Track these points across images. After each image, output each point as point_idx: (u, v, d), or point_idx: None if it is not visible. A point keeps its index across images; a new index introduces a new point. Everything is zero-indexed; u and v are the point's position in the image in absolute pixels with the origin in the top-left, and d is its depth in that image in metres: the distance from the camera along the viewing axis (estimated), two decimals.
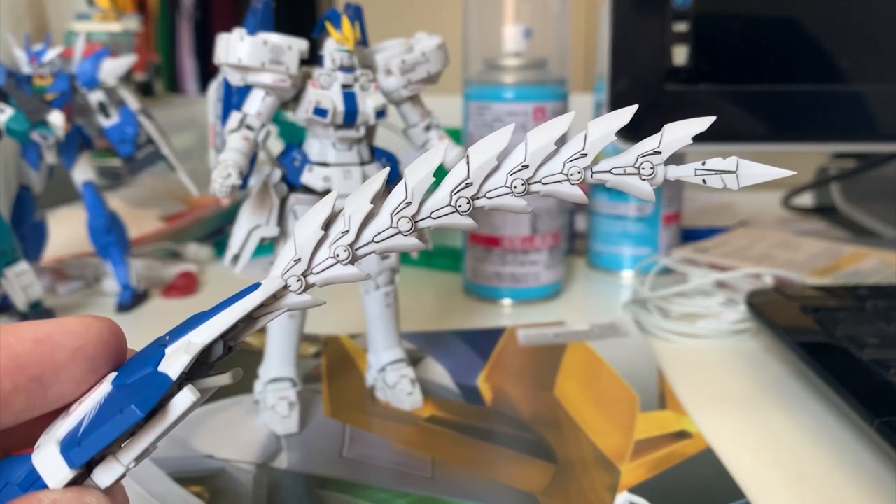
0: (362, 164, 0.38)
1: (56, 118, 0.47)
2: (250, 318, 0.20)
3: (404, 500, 0.33)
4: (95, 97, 0.53)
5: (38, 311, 0.50)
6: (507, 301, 0.57)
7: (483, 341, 0.49)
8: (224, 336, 0.20)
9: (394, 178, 0.38)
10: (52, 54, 0.52)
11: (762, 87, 0.56)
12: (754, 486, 0.33)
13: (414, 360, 0.45)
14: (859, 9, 0.56)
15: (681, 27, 0.55)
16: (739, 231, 0.69)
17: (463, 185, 0.20)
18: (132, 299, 0.56)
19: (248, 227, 0.38)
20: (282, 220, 0.38)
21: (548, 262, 0.56)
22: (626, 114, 0.20)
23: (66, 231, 0.64)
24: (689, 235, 0.69)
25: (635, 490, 0.33)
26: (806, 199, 0.84)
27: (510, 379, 0.44)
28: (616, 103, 0.55)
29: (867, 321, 0.42)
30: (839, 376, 0.37)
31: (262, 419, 0.39)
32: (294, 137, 0.42)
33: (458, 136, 0.59)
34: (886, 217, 0.73)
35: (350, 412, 0.40)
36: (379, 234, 0.20)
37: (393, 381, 0.41)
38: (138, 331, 0.51)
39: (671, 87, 0.56)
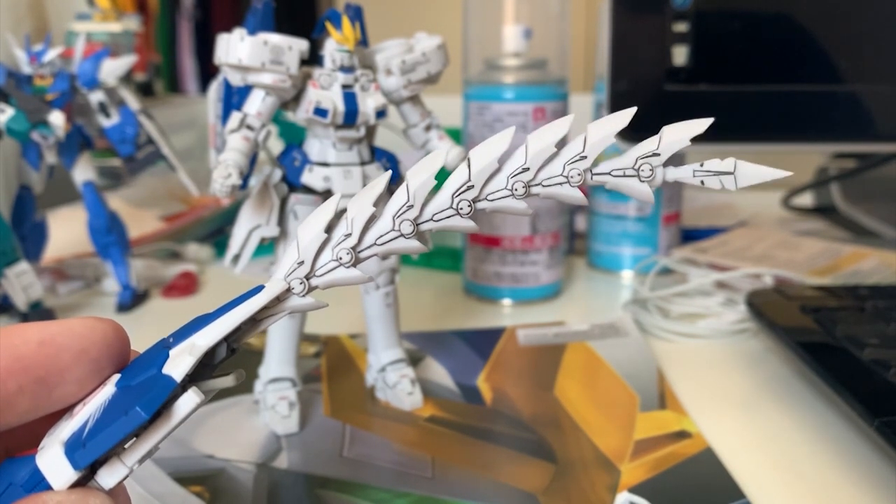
0: (362, 164, 0.38)
1: (56, 118, 0.47)
2: (254, 321, 0.20)
3: (404, 500, 0.33)
4: (96, 97, 0.53)
5: (38, 311, 0.50)
6: (507, 301, 0.57)
7: (483, 341, 0.49)
8: (227, 338, 0.20)
9: (394, 179, 0.38)
10: (52, 54, 0.52)
11: (762, 87, 0.56)
12: (754, 486, 0.33)
13: (414, 360, 0.45)
14: (859, 9, 0.56)
15: (681, 27, 0.55)
16: (739, 231, 0.69)
17: (464, 187, 0.20)
18: (132, 299, 0.56)
19: (248, 227, 0.38)
20: (282, 221, 0.38)
21: (548, 262, 0.56)
22: (626, 116, 0.20)
23: (66, 231, 0.64)
24: (689, 235, 0.69)
25: (635, 490, 0.33)
26: (806, 199, 0.84)
27: (510, 379, 0.44)
28: (616, 103, 0.55)
29: (867, 321, 0.42)
30: (839, 376, 0.37)
31: (263, 419, 0.39)
32: (294, 137, 0.42)
33: (458, 136, 0.59)
34: (886, 217, 0.73)
35: (350, 412, 0.40)
36: (381, 236, 0.20)
37: (393, 381, 0.41)
38: (138, 331, 0.51)
39: (671, 87, 0.56)
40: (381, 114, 0.37)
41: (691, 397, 0.42)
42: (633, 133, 0.23)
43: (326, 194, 0.38)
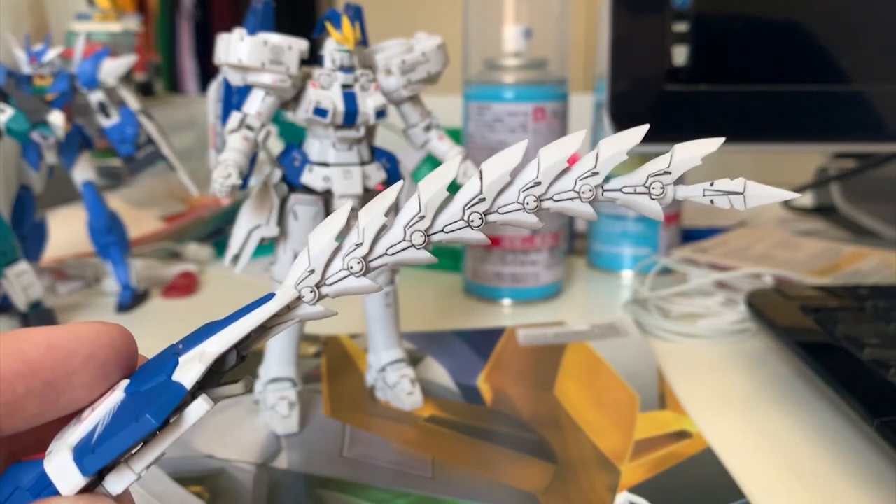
0: (362, 164, 0.38)
1: (56, 118, 0.47)
2: (263, 328, 0.20)
3: (404, 500, 0.33)
4: (95, 97, 0.53)
5: (38, 311, 0.50)
6: (507, 301, 0.57)
7: (483, 341, 0.49)
8: (237, 345, 0.20)
9: (394, 179, 0.38)
10: (52, 54, 0.52)
11: (762, 87, 0.56)
12: (754, 486, 0.33)
13: (414, 360, 0.45)
14: (859, 9, 0.56)
15: (681, 27, 0.55)
16: (739, 231, 0.69)
17: (476, 200, 0.20)
18: (132, 299, 0.56)
19: (248, 227, 0.38)
20: (282, 221, 0.38)
21: (548, 262, 0.56)
22: (638, 133, 0.20)
23: (66, 231, 0.64)
24: (689, 235, 0.69)
25: (635, 490, 0.33)
26: (806, 199, 0.84)
27: (510, 379, 0.44)
28: (616, 103, 0.55)
29: (867, 321, 0.42)
30: (839, 376, 0.37)
31: (263, 419, 0.39)
32: (294, 137, 0.42)
33: (458, 136, 0.59)
34: (886, 217, 0.73)
35: (350, 412, 0.40)
36: (392, 246, 0.20)
37: (393, 380, 0.41)
38: (138, 331, 0.51)
39: (671, 87, 0.56)
40: (380, 114, 0.37)
41: (691, 397, 0.42)
42: None
43: (326, 194, 0.38)
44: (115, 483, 0.19)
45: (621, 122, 0.54)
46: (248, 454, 0.36)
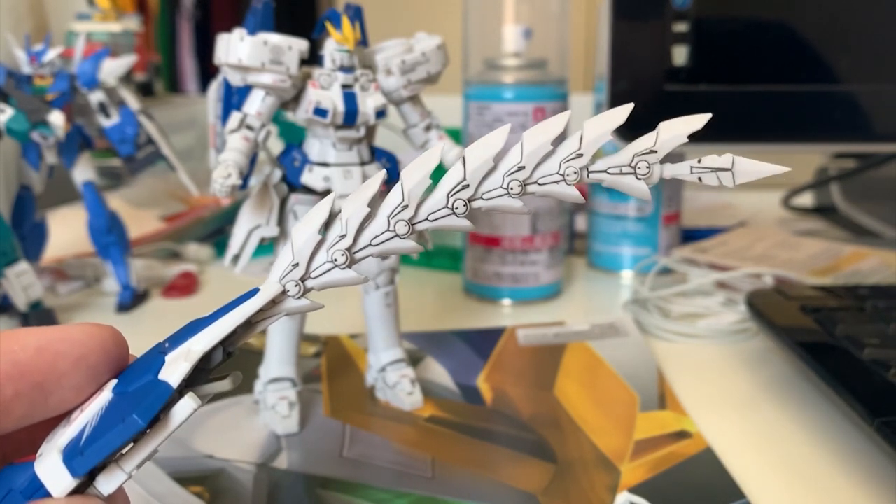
0: (362, 164, 0.38)
1: (56, 118, 0.47)
2: (249, 323, 0.20)
3: (404, 500, 0.33)
4: (95, 97, 0.53)
5: (38, 311, 0.50)
6: (507, 301, 0.56)
7: (483, 341, 0.49)
8: (223, 342, 0.20)
9: (394, 179, 0.38)
10: (52, 54, 0.52)
11: (762, 87, 0.56)
12: (754, 486, 0.33)
13: (414, 360, 0.45)
14: (859, 9, 0.56)
15: (681, 27, 0.55)
16: (739, 231, 0.69)
17: (459, 187, 0.20)
18: (132, 299, 0.56)
19: (248, 227, 0.38)
20: (282, 220, 0.38)
21: (548, 262, 0.56)
22: (622, 113, 0.20)
23: (67, 231, 0.64)
24: (689, 235, 0.69)
25: (635, 490, 0.33)
26: (806, 199, 0.84)
27: (510, 379, 0.44)
28: (616, 103, 0.54)
29: (867, 321, 0.42)
30: (839, 376, 0.37)
31: (263, 419, 0.39)
32: (294, 137, 0.42)
33: (458, 136, 0.59)
34: (886, 217, 0.73)
35: (350, 412, 0.40)
36: (376, 237, 0.20)
37: (393, 380, 0.41)
38: (138, 330, 0.51)
39: (671, 87, 0.56)
40: (380, 114, 0.37)
41: (691, 397, 0.42)
42: (632, 132, 0.23)
43: (326, 194, 0.38)
44: (106, 483, 0.19)
45: None
46: (248, 454, 0.36)
